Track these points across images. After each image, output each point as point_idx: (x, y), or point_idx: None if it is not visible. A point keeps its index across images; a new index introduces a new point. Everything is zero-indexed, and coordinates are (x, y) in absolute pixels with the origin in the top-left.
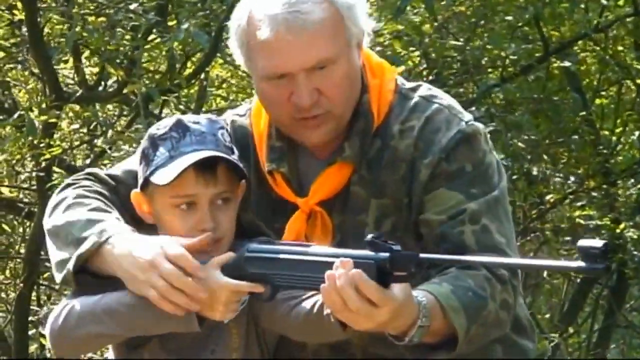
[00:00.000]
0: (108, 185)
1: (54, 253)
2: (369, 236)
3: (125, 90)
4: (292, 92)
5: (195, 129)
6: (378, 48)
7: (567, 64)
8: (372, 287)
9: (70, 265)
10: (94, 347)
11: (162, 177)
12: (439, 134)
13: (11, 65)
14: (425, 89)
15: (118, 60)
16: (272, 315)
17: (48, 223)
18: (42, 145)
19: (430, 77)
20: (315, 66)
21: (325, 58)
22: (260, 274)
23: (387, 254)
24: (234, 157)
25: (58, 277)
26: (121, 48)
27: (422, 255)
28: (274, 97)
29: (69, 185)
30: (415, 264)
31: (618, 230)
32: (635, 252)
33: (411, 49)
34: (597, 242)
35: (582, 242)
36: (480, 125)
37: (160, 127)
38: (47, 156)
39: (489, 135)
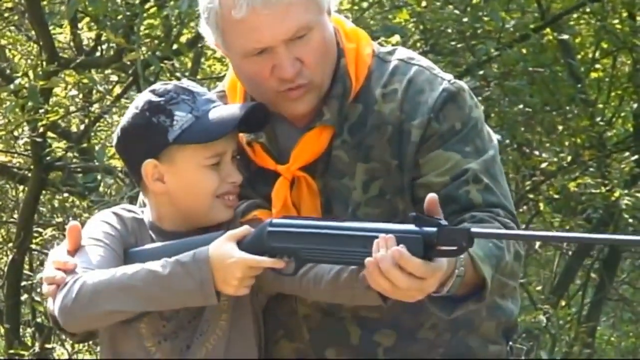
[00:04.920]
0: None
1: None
2: (413, 213)
3: (125, 60)
4: (273, 65)
5: (197, 89)
6: (378, 17)
7: (564, 36)
8: (415, 263)
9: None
10: (105, 323)
11: (204, 134)
12: (424, 95)
13: (6, 29)
14: (402, 51)
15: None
16: (279, 280)
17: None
18: (41, 111)
19: (424, 48)
20: (294, 36)
21: (303, 26)
22: (286, 248)
23: (434, 229)
24: None
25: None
26: (120, 16)
27: (473, 229)
28: (255, 73)
29: None
30: (467, 238)
31: (613, 198)
32: (630, 220)
33: (406, 18)
34: None
35: None
36: (462, 83)
37: (158, 95)
38: (45, 122)
39: (472, 92)
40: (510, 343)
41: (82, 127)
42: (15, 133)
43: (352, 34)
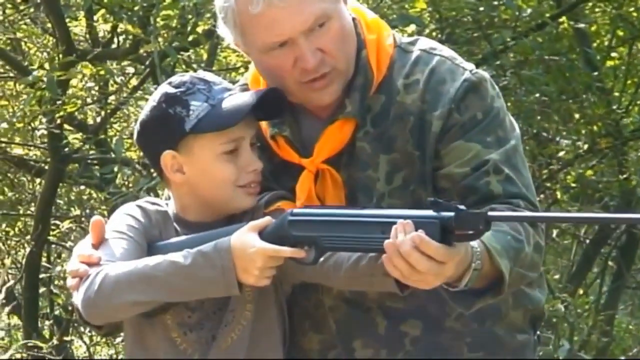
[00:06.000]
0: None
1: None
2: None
3: (141, 51)
4: (295, 57)
5: (213, 79)
6: (395, 7)
7: (580, 25)
8: (435, 246)
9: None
10: (128, 315)
11: (219, 122)
12: (446, 85)
13: (22, 22)
14: (424, 42)
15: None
16: (300, 268)
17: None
18: (59, 102)
19: (440, 36)
20: (312, 26)
21: (321, 15)
22: (307, 237)
23: (451, 213)
24: None
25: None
26: (136, 7)
27: (490, 213)
28: (277, 67)
29: None
30: (484, 222)
31: (630, 186)
32: None
33: (422, 7)
34: None
35: None
36: (484, 72)
37: (174, 86)
38: (62, 113)
39: (494, 82)
40: (538, 332)
41: (98, 119)
42: (32, 125)
43: (373, 25)
